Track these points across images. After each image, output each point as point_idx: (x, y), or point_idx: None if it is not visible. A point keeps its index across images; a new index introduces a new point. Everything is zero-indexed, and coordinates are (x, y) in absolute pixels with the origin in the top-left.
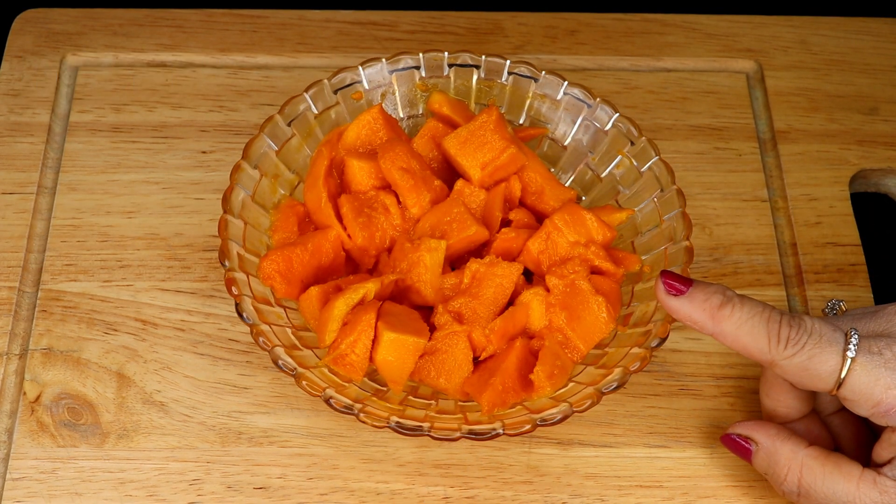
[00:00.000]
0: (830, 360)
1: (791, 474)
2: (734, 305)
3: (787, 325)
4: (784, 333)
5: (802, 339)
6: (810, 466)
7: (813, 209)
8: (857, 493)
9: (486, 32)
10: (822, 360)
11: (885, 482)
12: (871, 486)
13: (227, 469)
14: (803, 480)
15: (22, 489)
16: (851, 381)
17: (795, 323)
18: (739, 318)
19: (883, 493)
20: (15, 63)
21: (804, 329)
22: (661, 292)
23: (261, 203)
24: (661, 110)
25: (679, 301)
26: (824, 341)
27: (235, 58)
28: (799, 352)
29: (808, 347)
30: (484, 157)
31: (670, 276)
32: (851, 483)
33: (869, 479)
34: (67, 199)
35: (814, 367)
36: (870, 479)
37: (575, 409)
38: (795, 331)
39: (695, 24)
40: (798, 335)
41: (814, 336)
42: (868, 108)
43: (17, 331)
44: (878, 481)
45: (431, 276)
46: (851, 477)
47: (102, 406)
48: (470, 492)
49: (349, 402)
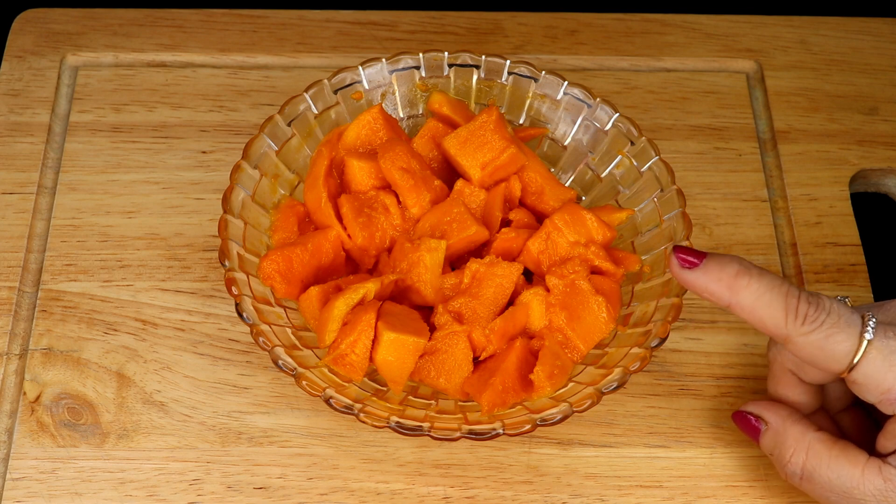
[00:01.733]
0: (847, 340)
1: (797, 455)
2: (752, 276)
3: (806, 301)
4: (802, 309)
5: (821, 316)
6: (817, 450)
7: (813, 209)
8: (862, 479)
9: (486, 32)
10: (838, 339)
11: (889, 470)
12: (876, 473)
13: (227, 469)
14: (808, 463)
15: (22, 489)
16: (865, 365)
17: (814, 300)
18: (758, 289)
19: (887, 480)
20: (15, 63)
21: (822, 307)
22: (675, 266)
23: (261, 203)
24: (661, 110)
25: (694, 273)
26: (843, 321)
27: (235, 58)
28: (817, 329)
29: (825, 326)
30: (484, 157)
31: (683, 249)
32: (857, 469)
33: (874, 466)
34: (67, 199)
35: (830, 346)
36: (875, 466)
37: (575, 410)
38: (814, 308)
39: (695, 24)
40: (816, 312)
41: (832, 315)
42: (868, 108)
43: (17, 331)
44: (882, 469)
45: (431, 276)
46: (857, 463)
47: (102, 406)
48: (470, 492)
49: (349, 402)
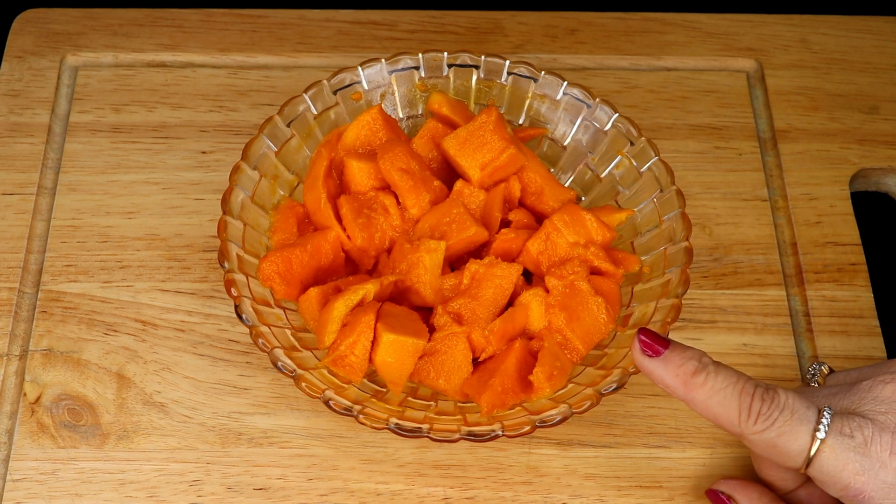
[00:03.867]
0: (800, 438)
1: None
2: (708, 374)
3: (760, 398)
4: (756, 407)
5: (773, 414)
6: None
7: (813, 208)
8: None
9: (486, 32)
10: (791, 438)
11: None
12: None
13: (227, 470)
14: None
15: (22, 490)
16: (820, 463)
17: (769, 397)
18: (712, 388)
19: None
20: (15, 63)
21: (776, 404)
22: (637, 352)
23: (260, 204)
24: (661, 109)
25: (653, 363)
26: (795, 419)
27: (235, 58)
28: (769, 428)
29: (777, 424)
30: (483, 158)
31: (648, 334)
32: None
33: None
34: (67, 200)
35: (782, 444)
36: None
37: (574, 411)
38: (767, 405)
39: (695, 22)
40: (770, 410)
41: (785, 412)
42: (868, 106)
43: (18, 332)
44: None
45: (431, 276)
46: None
47: (102, 407)
48: (470, 492)
49: (348, 403)
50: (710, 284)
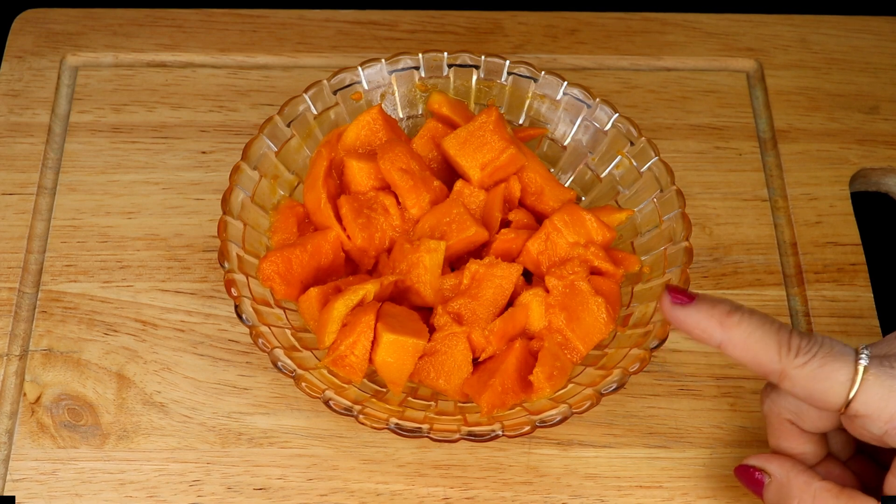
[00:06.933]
0: (843, 368)
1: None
2: (743, 314)
3: (798, 335)
4: (795, 342)
5: (814, 348)
6: (823, 499)
7: (813, 208)
8: None
9: (486, 32)
10: (834, 367)
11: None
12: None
13: (227, 470)
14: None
15: (22, 490)
16: (865, 394)
17: (806, 334)
18: (749, 326)
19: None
20: (15, 63)
21: (815, 340)
22: (667, 304)
23: (260, 204)
24: (661, 109)
25: (686, 311)
26: (836, 352)
27: (235, 58)
28: (811, 360)
29: (819, 356)
30: (483, 158)
31: (675, 287)
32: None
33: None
34: (67, 200)
35: (825, 376)
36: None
37: (574, 411)
38: (806, 340)
39: (695, 23)
40: (809, 345)
41: (825, 346)
42: (869, 107)
43: (18, 332)
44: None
45: (431, 277)
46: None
47: (102, 407)
48: (470, 492)
49: (348, 403)
50: (710, 284)
